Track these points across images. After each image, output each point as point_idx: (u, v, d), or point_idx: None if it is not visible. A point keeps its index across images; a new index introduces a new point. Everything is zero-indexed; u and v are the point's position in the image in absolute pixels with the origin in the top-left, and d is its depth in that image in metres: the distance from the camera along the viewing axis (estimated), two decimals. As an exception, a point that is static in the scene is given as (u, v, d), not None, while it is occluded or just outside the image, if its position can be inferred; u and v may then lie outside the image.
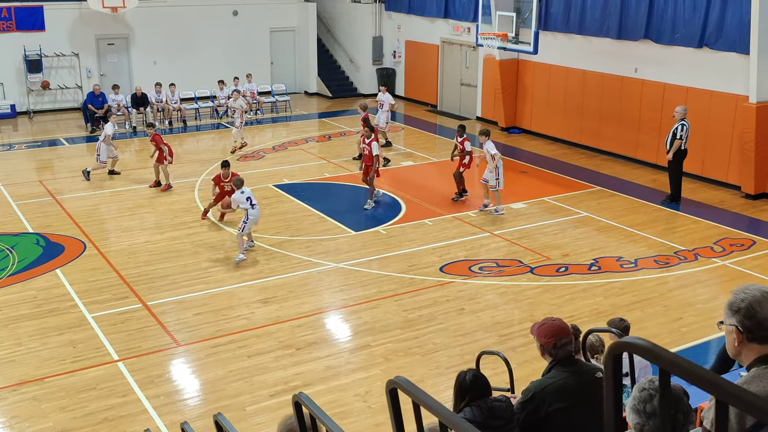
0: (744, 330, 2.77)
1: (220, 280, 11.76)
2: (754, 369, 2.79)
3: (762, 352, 2.78)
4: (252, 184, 16.43)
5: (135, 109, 21.82)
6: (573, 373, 4.30)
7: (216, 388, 8.84)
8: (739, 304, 2.78)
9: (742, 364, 2.86)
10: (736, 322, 2.79)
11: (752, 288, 2.82)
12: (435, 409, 1.93)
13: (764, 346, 2.78)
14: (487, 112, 22.58)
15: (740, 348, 2.82)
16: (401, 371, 8.98)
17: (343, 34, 27.47)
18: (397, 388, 2.13)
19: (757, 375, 2.77)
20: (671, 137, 15.05)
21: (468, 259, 12.65)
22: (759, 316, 2.73)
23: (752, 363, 2.80)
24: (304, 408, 2.75)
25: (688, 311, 10.80)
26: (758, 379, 2.75)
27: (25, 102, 22.71)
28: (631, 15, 17.79)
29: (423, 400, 1.96)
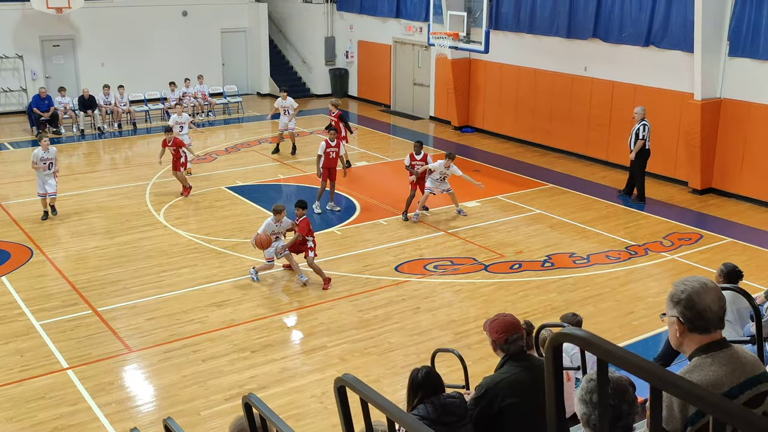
0: (685, 321, 2.82)
1: (173, 284, 11.60)
2: (695, 359, 2.84)
3: (703, 342, 2.83)
4: (204, 186, 16.29)
5: (83, 111, 21.41)
6: (525, 368, 4.33)
7: (169, 394, 8.71)
8: (680, 296, 2.83)
9: (684, 354, 2.91)
10: (677, 314, 2.84)
11: (692, 280, 2.87)
12: (382, 405, 1.92)
13: (705, 336, 2.83)
14: (440, 111, 22.68)
15: (682, 338, 2.87)
16: (357, 371, 8.95)
17: (295, 35, 27.34)
18: (345, 386, 2.11)
19: (698, 364, 2.82)
20: (634, 138, 15.24)
21: (423, 258, 12.68)
22: (698, 306, 2.79)
23: (694, 353, 2.85)
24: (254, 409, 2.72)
25: (639, 305, 10.98)
26: (699, 369, 2.80)
27: (-32, 106, 22.13)
28: (579, 14, 18.04)
29: (370, 397, 1.94)
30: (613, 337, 9.80)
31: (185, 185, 15.68)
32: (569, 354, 7.17)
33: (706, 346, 2.84)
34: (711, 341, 2.84)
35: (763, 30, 14.73)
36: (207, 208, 15.04)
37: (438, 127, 22.42)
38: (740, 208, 15.22)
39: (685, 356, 2.92)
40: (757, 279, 11.32)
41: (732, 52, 15.31)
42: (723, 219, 14.64)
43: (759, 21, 14.78)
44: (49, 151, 14.20)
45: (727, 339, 2.91)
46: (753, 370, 2.85)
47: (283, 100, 18.85)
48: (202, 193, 15.93)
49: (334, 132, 14.90)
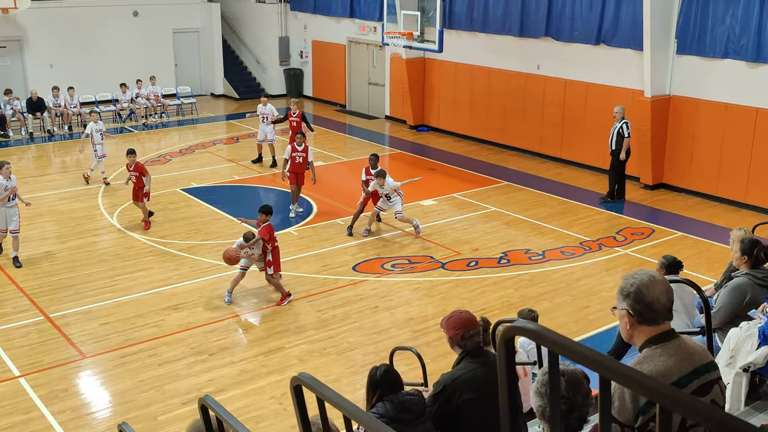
0: (634, 313, 2.88)
1: (128, 288, 11.43)
2: (645, 350, 2.91)
3: (652, 334, 2.90)
4: (159, 188, 16.08)
5: (31, 114, 20.98)
6: (482, 364, 4.37)
7: (126, 399, 8.59)
8: (629, 289, 2.90)
9: (634, 346, 2.98)
10: (626, 306, 2.90)
11: (641, 273, 2.94)
12: (338, 403, 1.92)
13: (654, 328, 2.89)
14: (396, 110, 22.74)
15: (632, 331, 2.94)
16: (317, 372, 8.93)
17: (249, 35, 27.15)
18: (301, 384, 2.11)
19: (648, 355, 2.88)
20: (616, 137, 15.23)
21: (380, 257, 12.70)
22: (647, 299, 2.85)
23: (644, 344, 2.92)
24: (211, 411, 2.70)
25: (594, 299, 11.14)
26: (649, 360, 2.86)
27: None
28: (531, 13, 18.24)
29: (327, 396, 1.95)
30: (569, 331, 9.94)
31: (145, 219, 13.97)
32: (525, 349, 7.26)
33: (656, 338, 2.90)
34: (660, 332, 2.90)
35: (709, 28, 15.08)
36: (162, 211, 14.84)
37: (394, 126, 22.47)
38: (690, 202, 15.55)
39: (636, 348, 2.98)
40: (707, 272, 11.57)
41: (680, 50, 15.64)
42: (674, 213, 14.93)
43: (705, 19, 15.11)
44: (11, 180, 12.16)
45: (676, 330, 2.98)
46: (701, 359, 2.92)
47: (263, 106, 18.08)
48: (157, 195, 15.72)
49: (301, 136, 14.50)
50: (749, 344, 5.34)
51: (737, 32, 14.64)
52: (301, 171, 14.45)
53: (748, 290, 5.83)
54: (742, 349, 5.37)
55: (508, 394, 1.47)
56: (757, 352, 5.21)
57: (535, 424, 5.09)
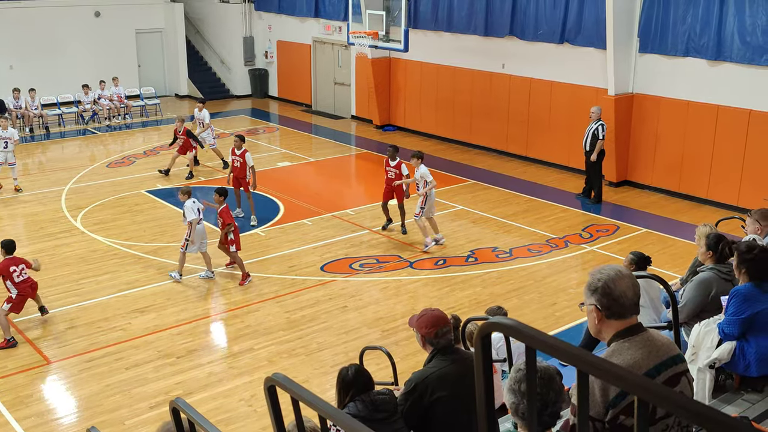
0: (602, 308, 2.92)
1: (93, 292, 11.28)
2: (613, 344, 2.94)
3: (620, 328, 2.94)
4: (123, 190, 15.90)
5: (-8, 116, 20.58)
6: (454, 362, 4.38)
7: (92, 404, 8.47)
8: (596, 284, 2.93)
9: (603, 340, 3.01)
10: (594, 302, 2.93)
11: (607, 268, 2.98)
12: (314, 403, 1.91)
13: (622, 322, 2.93)
14: (362, 110, 22.72)
15: (600, 325, 2.97)
16: (286, 372, 8.82)
17: (213, 35, 26.94)
18: (275, 385, 2.10)
19: (617, 349, 2.92)
20: (590, 138, 15.33)
21: (348, 257, 12.68)
22: (614, 293, 2.89)
23: (612, 338, 2.96)
24: (182, 413, 2.67)
25: (562, 296, 11.25)
26: (617, 353, 2.90)
27: None
28: (496, 13, 18.35)
29: (301, 396, 1.94)
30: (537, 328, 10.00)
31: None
32: (495, 347, 7.29)
33: (624, 332, 2.94)
34: (628, 326, 2.94)
35: (670, 27, 15.30)
36: (126, 213, 14.67)
37: (360, 126, 22.45)
38: (653, 199, 15.77)
39: (605, 342, 3.01)
40: (671, 267, 11.74)
41: (642, 49, 15.85)
42: (638, 210, 15.13)
43: (667, 18, 15.34)
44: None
45: (643, 324, 3.02)
46: (668, 352, 2.97)
47: (198, 111, 17.64)
48: (122, 197, 15.54)
49: (239, 140, 14.00)
50: (709, 340, 5.43)
51: (698, 31, 14.88)
52: (240, 176, 14.05)
53: (713, 284, 5.92)
54: (702, 345, 5.45)
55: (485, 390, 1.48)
56: (721, 348, 5.29)
57: (506, 420, 5.12)
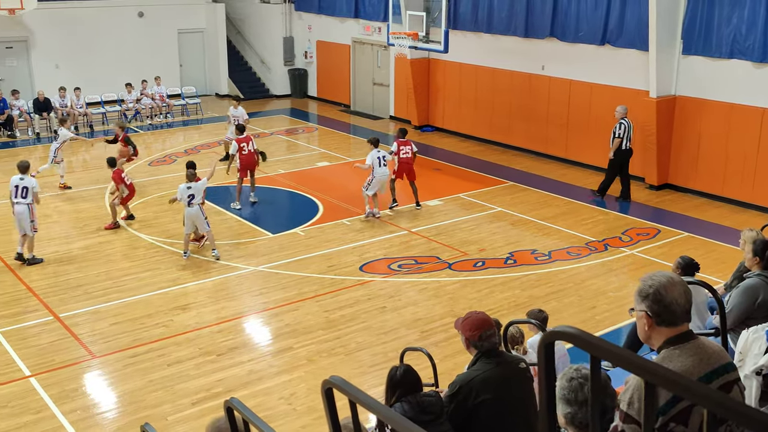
0: (653, 314, 2.90)
1: (135, 288, 11.47)
2: (663, 351, 2.93)
3: (670, 335, 2.92)
4: (165, 188, 16.13)
5: (38, 114, 21.03)
6: (498, 365, 4.39)
7: (136, 399, 8.62)
8: (647, 290, 2.92)
9: (652, 347, 3.00)
10: (645, 308, 2.92)
11: (659, 274, 2.96)
12: (372, 406, 1.95)
13: (672, 329, 2.92)
14: (400, 110, 22.76)
15: (650, 332, 2.96)
16: (325, 372, 8.96)
17: (254, 35, 27.18)
18: (332, 387, 2.14)
19: (667, 356, 2.90)
20: (613, 136, 15.44)
21: (387, 258, 12.72)
22: (666, 300, 2.87)
23: (662, 345, 2.94)
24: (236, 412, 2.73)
25: (601, 299, 11.17)
26: (667, 361, 2.89)
27: None
28: (536, 14, 18.26)
29: (360, 399, 1.97)
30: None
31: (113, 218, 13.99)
32: (536, 349, 7.27)
33: (674, 339, 2.93)
34: (678, 333, 2.92)
35: (715, 28, 15.09)
36: (168, 211, 14.88)
37: (398, 126, 22.43)
38: (696, 203, 15.56)
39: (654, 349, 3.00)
40: (714, 272, 11.57)
41: (686, 51, 15.64)
42: (680, 214, 14.94)
43: (711, 19, 15.13)
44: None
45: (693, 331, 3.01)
46: (719, 360, 2.95)
47: (234, 109, 17.94)
48: (164, 195, 15.76)
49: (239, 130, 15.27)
50: (757, 346, 5.35)
51: (743, 32, 14.65)
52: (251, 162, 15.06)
53: (760, 291, 5.85)
54: (750, 352, 5.38)
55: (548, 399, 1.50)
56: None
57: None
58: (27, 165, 12.63)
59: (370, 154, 14.36)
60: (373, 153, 14.34)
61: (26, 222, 12.20)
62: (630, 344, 8.07)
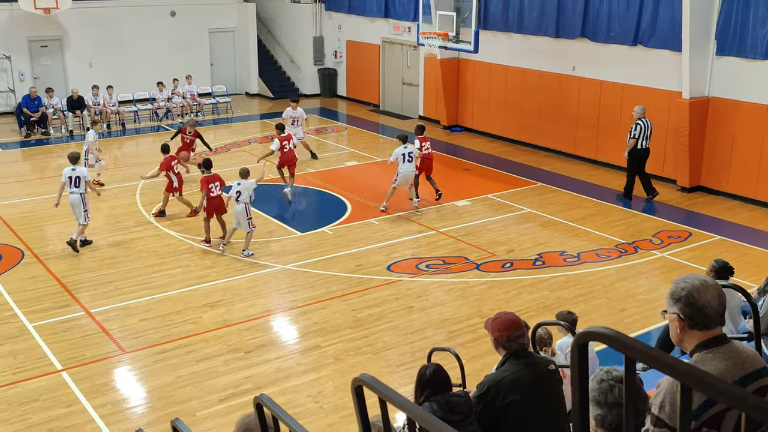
0: (685, 317, 2.87)
1: (166, 285, 11.58)
2: (696, 354, 2.89)
3: (703, 338, 2.88)
4: (195, 187, 16.23)
5: (71, 112, 21.32)
6: (526, 366, 4.37)
7: (165, 395, 8.71)
8: (680, 293, 2.88)
9: (684, 350, 2.96)
10: (677, 310, 2.89)
11: (692, 277, 2.93)
12: (402, 404, 1.95)
13: (705, 333, 2.88)
14: (429, 110, 22.73)
15: (682, 335, 2.92)
16: (353, 371, 8.98)
17: (284, 35, 27.31)
18: (362, 385, 2.14)
19: (699, 360, 2.87)
20: (628, 136, 15.39)
21: (415, 257, 12.72)
22: (698, 303, 2.84)
23: (694, 349, 2.91)
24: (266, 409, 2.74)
25: (631, 302, 11.06)
26: (700, 364, 2.85)
27: (-45, 107, 21.99)
28: (567, 14, 18.13)
29: (390, 397, 1.98)
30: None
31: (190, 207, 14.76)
32: (564, 351, 7.22)
33: (707, 342, 2.89)
34: (711, 337, 2.88)
35: (750, 29, 14.87)
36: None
37: (427, 126, 22.35)
38: (729, 205, 15.35)
39: (686, 352, 2.97)
40: (748, 276, 11.42)
41: (719, 51, 15.44)
42: (712, 217, 14.76)
43: (746, 20, 14.91)
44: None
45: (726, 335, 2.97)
46: (753, 364, 2.90)
47: (293, 110, 18.35)
48: (193, 193, 15.88)
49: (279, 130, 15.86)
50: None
51: (779, 33, 14.43)
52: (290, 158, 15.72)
53: (794, 296, 5.76)
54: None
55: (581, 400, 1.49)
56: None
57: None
58: (77, 156, 13.09)
59: (396, 150, 14.51)
60: (398, 150, 14.49)
61: (80, 210, 12.72)
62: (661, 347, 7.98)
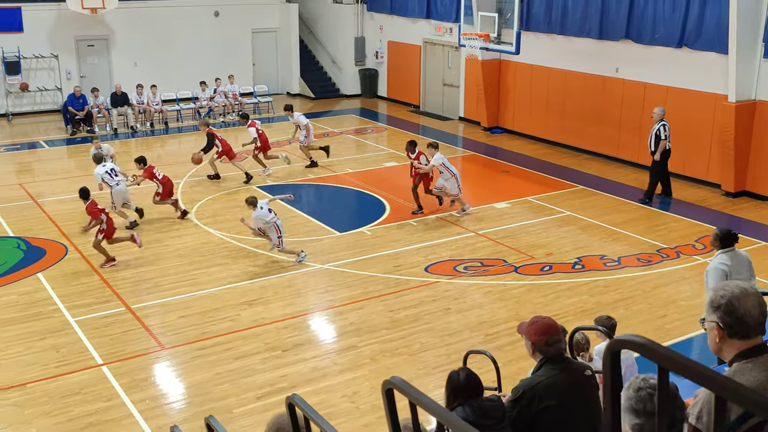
0: (724, 326, 2.80)
1: (204, 283, 11.71)
2: (735, 364, 2.82)
3: (742, 348, 2.82)
4: (235, 185, 16.42)
5: (115, 108, 21.66)
6: (562, 371, 4.32)
7: (202, 391, 8.80)
8: (719, 301, 2.82)
9: (723, 359, 2.89)
10: (716, 319, 2.82)
11: (731, 285, 2.86)
12: (432, 408, 1.94)
13: (744, 342, 2.81)
14: (470, 112, 22.65)
15: (721, 344, 2.86)
16: (389, 372, 8.98)
17: (326, 35, 27.44)
18: (392, 388, 2.14)
19: (738, 370, 2.80)
20: (654, 139, 15.14)
21: (453, 259, 12.67)
22: (738, 312, 2.77)
23: (733, 358, 2.84)
24: (298, 409, 2.75)
25: (672, 308, 10.88)
26: (739, 374, 2.78)
27: (4, 104, 22.51)
28: (611, 15, 17.91)
29: (420, 400, 1.97)
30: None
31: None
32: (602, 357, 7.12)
33: (746, 352, 2.82)
34: (751, 346, 2.82)
35: (799, 31, 14.54)
36: (238, 207, 15.13)
37: (467, 127, 22.38)
38: (775, 211, 15.03)
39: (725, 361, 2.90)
40: (792, 284, 11.17)
41: (768, 54, 15.13)
42: (757, 222, 14.44)
43: (796, 22, 14.59)
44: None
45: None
46: (795, 375, 2.83)
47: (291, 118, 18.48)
48: (233, 191, 16.06)
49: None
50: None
51: (830, 36, 14.08)
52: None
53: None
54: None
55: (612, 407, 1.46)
56: None
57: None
58: (101, 155, 13.97)
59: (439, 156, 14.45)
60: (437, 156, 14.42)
61: (128, 195, 14.03)
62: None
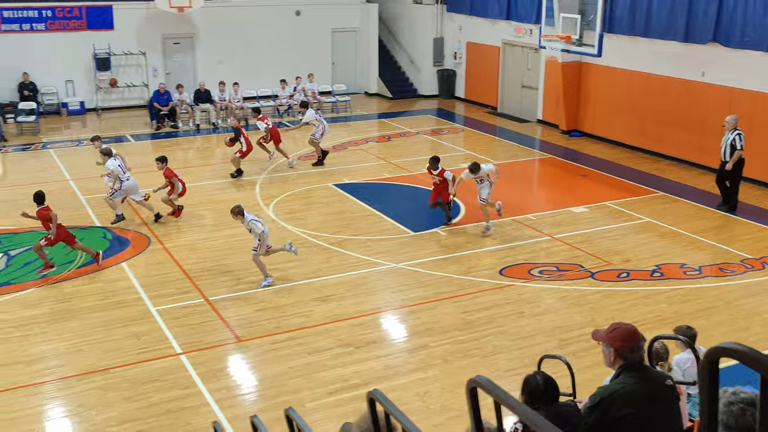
0: None
1: (280, 278, 11.89)
2: None
3: None
4: (312, 183, 16.65)
5: (198, 104, 22.22)
6: (641, 380, 4.22)
7: (276, 384, 8.95)
8: None
9: None
10: None
11: None
12: (518, 409, 1.94)
13: None
14: (548, 114, 22.36)
15: None
16: (460, 373, 8.97)
17: (404, 35, 27.51)
18: (477, 387, 2.14)
19: None
20: (729, 148, 14.62)
21: (527, 263, 12.54)
22: None
23: None
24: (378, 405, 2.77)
25: (756, 321, 10.52)
26: None
27: (94, 99, 23.37)
28: (699, 18, 17.40)
29: (506, 400, 1.97)
30: (726, 353, 9.42)
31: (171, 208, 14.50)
32: (682, 368, 6.96)
33: None
34: None
35: None
36: (315, 204, 15.35)
37: (545, 130, 22.11)
38: None
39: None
40: None
41: None
42: None
43: None
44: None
45: None
46: None
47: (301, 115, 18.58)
48: (310, 189, 16.28)
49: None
50: None
51: None
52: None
53: None
54: None
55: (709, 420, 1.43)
56: None
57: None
58: (109, 149, 14.65)
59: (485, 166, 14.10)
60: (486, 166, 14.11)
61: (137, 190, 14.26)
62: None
